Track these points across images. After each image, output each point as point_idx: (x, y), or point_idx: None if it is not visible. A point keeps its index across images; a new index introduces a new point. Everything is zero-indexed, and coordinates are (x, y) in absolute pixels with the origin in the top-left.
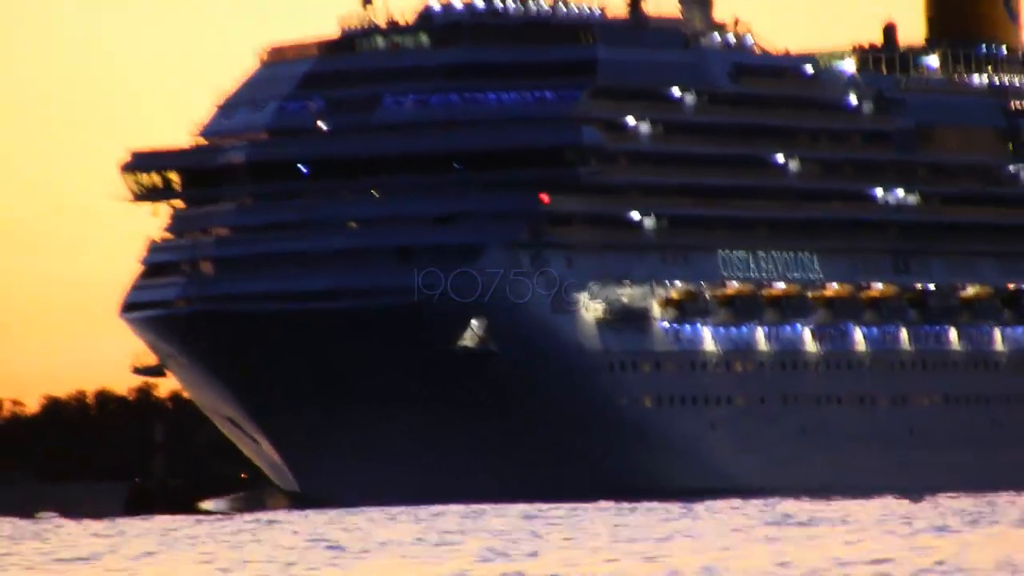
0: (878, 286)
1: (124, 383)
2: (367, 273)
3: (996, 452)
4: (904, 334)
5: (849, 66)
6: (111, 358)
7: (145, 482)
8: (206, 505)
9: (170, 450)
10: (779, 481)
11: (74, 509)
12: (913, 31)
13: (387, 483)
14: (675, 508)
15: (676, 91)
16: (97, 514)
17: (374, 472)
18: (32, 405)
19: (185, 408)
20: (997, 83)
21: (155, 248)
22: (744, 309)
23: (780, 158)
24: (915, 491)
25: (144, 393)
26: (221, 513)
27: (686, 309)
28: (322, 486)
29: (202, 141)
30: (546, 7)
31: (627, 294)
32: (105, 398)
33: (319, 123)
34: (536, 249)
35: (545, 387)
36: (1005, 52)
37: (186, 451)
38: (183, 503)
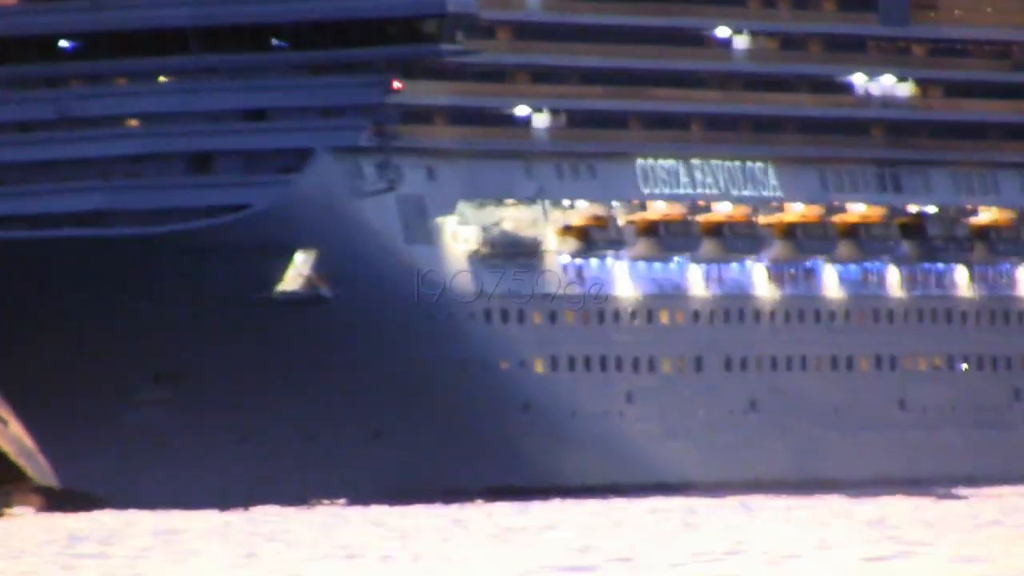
0: (858, 208)
1: None
2: (150, 189)
3: (1017, 434)
4: (893, 275)
5: None
6: None
7: None
8: None
9: None
10: (720, 473)
11: None
12: None
13: (181, 478)
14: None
15: None
16: None
17: (165, 463)
18: None
19: None
20: None
21: None
22: (672, 240)
23: (723, 32)
24: (904, 484)
25: None
26: None
27: (592, 239)
28: (92, 480)
29: None
30: None
31: (510, 218)
32: None
33: None
34: (384, 156)
35: (396, 346)
36: None
37: None
38: None
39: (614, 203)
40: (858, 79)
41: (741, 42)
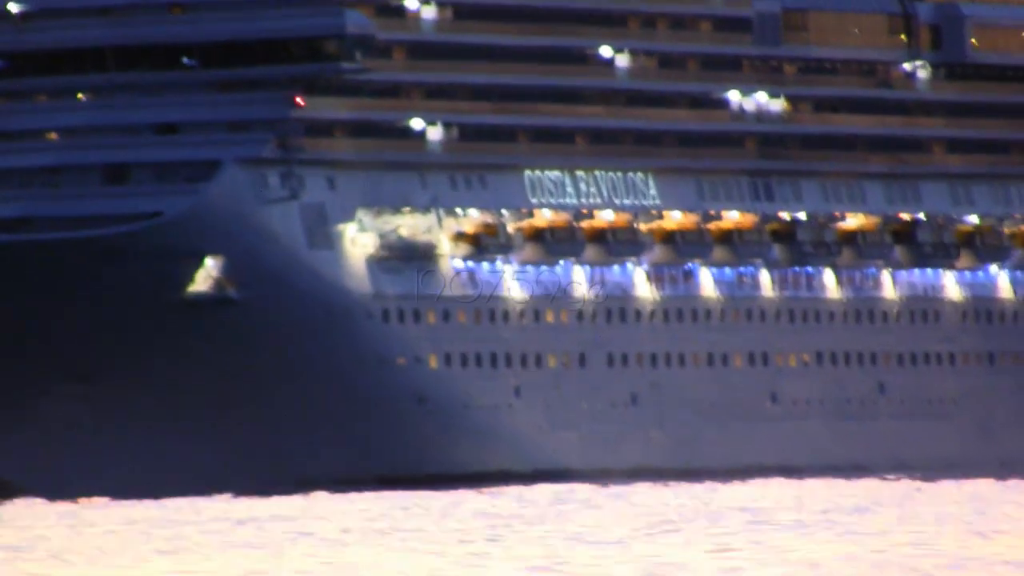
0: (732, 216)
1: None
2: (68, 197)
3: (880, 425)
4: (765, 277)
5: None
6: None
7: None
8: None
9: None
10: (602, 462)
11: None
12: None
13: (96, 469)
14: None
15: None
16: None
17: (80, 455)
18: None
19: None
20: None
21: None
22: (558, 245)
23: (605, 51)
24: (777, 473)
25: None
26: None
27: (483, 245)
28: (9, 469)
29: None
30: None
31: (406, 225)
32: None
33: (9, 5)
34: (288, 167)
35: (299, 344)
36: None
37: None
38: None
39: (504, 211)
40: (733, 95)
41: (622, 60)
